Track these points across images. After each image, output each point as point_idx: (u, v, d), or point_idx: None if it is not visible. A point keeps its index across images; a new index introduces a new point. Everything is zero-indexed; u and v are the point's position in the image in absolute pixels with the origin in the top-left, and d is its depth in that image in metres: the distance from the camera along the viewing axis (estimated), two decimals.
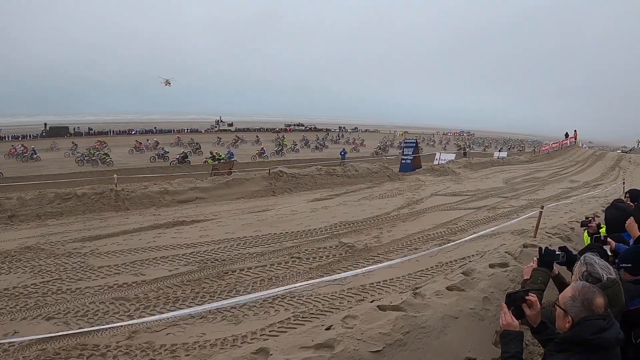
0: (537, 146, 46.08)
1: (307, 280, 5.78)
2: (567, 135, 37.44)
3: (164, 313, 4.93)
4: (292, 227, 8.92)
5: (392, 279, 6.07)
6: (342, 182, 15.29)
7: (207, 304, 5.15)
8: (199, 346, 4.37)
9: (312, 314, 5.03)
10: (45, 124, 51.08)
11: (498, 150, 43.12)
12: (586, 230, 4.69)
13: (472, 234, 8.12)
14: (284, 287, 5.41)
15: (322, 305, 5.27)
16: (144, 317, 4.85)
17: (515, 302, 2.42)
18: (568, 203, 11.49)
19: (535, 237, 6.40)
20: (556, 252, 3.12)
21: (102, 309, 5.21)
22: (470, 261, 6.16)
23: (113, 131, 52.77)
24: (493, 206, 11.99)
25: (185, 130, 56.45)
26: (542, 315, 2.48)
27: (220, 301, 5.16)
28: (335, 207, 11.13)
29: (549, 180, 19.12)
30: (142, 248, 7.44)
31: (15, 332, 4.64)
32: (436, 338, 3.40)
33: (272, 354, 3.02)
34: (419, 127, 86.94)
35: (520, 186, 16.62)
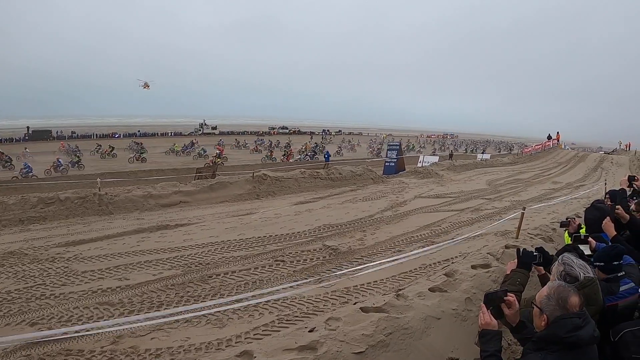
0: (520, 148, 46.71)
1: (290, 283, 5.78)
2: (549, 137, 38.08)
3: (149, 317, 4.89)
4: (276, 230, 8.90)
5: (376, 281, 6.09)
6: (326, 185, 15.28)
7: (183, 306, 5.12)
8: (183, 350, 4.35)
9: (297, 316, 5.03)
10: (28, 128, 50.20)
11: (481, 152, 43.69)
12: (567, 231, 4.79)
13: (455, 235, 8.21)
14: (268, 289, 5.41)
15: (307, 308, 5.27)
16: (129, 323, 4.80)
17: (493, 302, 2.46)
18: (551, 204, 11.70)
19: (517, 238, 6.51)
20: (533, 253, 3.18)
21: (87, 314, 5.15)
22: (453, 262, 6.25)
23: (96, 135, 52.24)
24: (476, 208, 12.14)
25: (169, 134, 56.25)
26: (521, 315, 2.53)
27: (199, 303, 5.15)
28: (319, 210, 11.12)
29: (532, 182, 19.42)
30: (125, 252, 7.34)
31: None
32: (419, 339, 3.45)
33: (255, 357, 3.04)
34: (403, 129, 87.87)
35: (503, 188, 16.86)
